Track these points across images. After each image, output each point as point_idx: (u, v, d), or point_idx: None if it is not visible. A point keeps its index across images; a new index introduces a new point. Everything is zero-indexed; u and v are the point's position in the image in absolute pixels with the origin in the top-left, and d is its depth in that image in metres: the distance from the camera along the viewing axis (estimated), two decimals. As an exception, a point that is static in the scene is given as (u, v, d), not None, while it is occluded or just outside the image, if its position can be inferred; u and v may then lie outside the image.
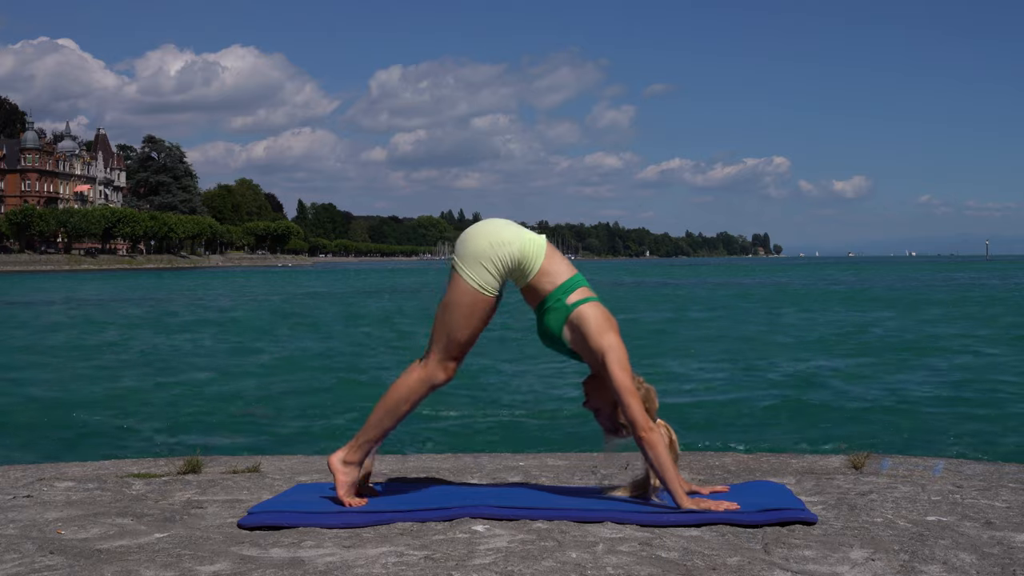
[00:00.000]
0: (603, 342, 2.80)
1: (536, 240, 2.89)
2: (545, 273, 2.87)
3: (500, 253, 2.84)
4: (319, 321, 24.18)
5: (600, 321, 2.83)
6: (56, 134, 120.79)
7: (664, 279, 63.11)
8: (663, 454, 2.75)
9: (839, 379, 11.85)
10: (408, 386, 2.89)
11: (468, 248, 2.86)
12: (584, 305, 2.85)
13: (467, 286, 2.84)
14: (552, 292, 2.86)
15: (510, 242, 2.85)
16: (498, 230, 2.88)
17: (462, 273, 2.85)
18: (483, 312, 2.86)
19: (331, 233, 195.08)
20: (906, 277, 62.46)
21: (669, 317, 24.54)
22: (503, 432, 8.04)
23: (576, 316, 2.84)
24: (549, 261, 2.88)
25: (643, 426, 2.74)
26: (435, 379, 2.88)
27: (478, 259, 2.84)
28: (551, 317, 2.87)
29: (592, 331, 2.82)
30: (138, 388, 11.64)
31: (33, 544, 2.56)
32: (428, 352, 2.89)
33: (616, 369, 2.77)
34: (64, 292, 42.33)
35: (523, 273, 2.87)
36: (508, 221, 2.96)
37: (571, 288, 2.87)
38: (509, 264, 2.85)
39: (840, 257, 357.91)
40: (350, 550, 2.47)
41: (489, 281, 2.84)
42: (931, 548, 2.46)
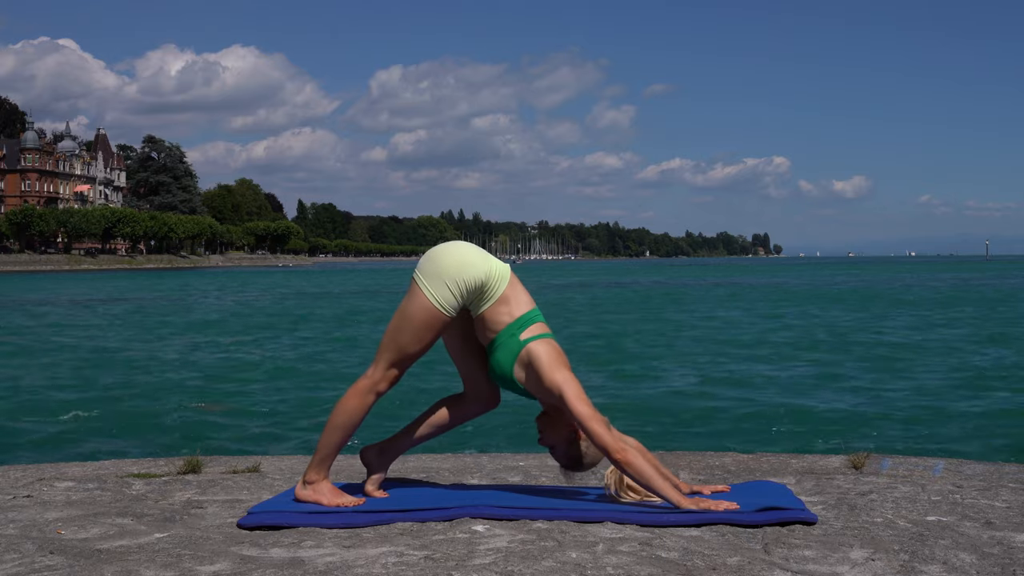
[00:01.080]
0: (557, 377, 2.78)
1: (501, 268, 2.88)
2: (504, 303, 2.85)
3: (465, 275, 2.82)
4: (319, 321, 24.18)
5: (552, 357, 2.81)
6: (56, 134, 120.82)
7: (666, 279, 63.10)
8: (643, 468, 2.74)
9: (839, 379, 11.85)
10: (352, 402, 2.89)
11: (433, 265, 2.85)
12: (535, 342, 2.83)
13: (426, 301, 2.83)
14: (507, 326, 2.84)
15: (475, 264, 2.84)
16: (466, 252, 2.88)
17: (423, 288, 2.84)
18: (436, 330, 2.85)
19: (331, 233, 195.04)
20: (905, 277, 62.45)
21: (669, 317, 24.54)
22: (503, 432, 8.04)
23: (527, 353, 2.82)
24: (511, 290, 2.87)
25: (615, 449, 2.73)
26: (378, 387, 2.88)
27: (441, 276, 2.82)
28: (501, 354, 2.85)
29: (544, 367, 2.79)
30: (138, 388, 11.64)
31: (33, 544, 2.56)
32: (376, 361, 2.89)
33: (575, 401, 2.76)
34: (64, 292, 42.33)
35: (483, 298, 2.85)
36: (476, 246, 2.96)
37: (527, 323, 2.85)
38: (472, 286, 2.83)
39: (840, 257, 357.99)
40: (350, 550, 2.47)
41: (448, 300, 2.82)
42: (931, 548, 2.46)
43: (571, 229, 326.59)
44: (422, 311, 2.83)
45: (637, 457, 2.75)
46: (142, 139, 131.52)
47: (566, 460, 2.92)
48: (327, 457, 2.92)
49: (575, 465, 2.92)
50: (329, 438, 2.91)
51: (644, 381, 11.93)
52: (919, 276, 64.87)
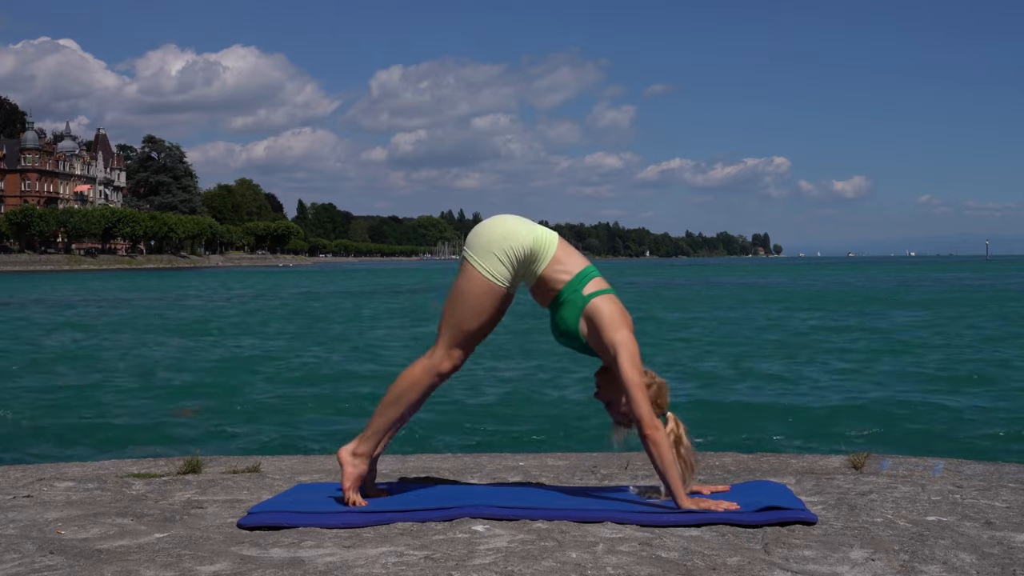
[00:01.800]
0: (616, 337, 2.79)
1: (548, 233, 2.90)
2: (558, 262, 2.86)
3: (512, 243, 2.83)
4: (319, 321, 24.18)
5: (615, 316, 2.82)
6: (56, 134, 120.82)
7: (667, 279, 63.11)
8: (667, 453, 2.74)
9: (839, 379, 11.85)
10: (413, 375, 2.89)
11: (480, 239, 2.86)
12: (599, 297, 2.84)
13: (478, 275, 2.84)
14: (567, 283, 2.85)
15: (522, 233, 2.85)
16: (510, 222, 2.89)
17: (473, 263, 2.85)
18: (494, 303, 2.85)
19: (331, 233, 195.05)
20: (904, 277, 62.46)
21: (668, 317, 24.54)
22: (503, 432, 8.04)
23: (591, 308, 2.82)
24: (562, 251, 2.88)
25: (649, 424, 2.74)
26: (440, 368, 2.87)
27: (490, 249, 2.84)
28: (566, 310, 2.86)
29: (606, 325, 2.80)
30: (138, 388, 11.64)
31: (33, 544, 2.56)
32: (437, 342, 2.89)
33: (627, 365, 2.76)
34: (64, 292, 42.33)
35: (535, 264, 2.86)
36: (521, 217, 2.96)
37: (585, 279, 2.86)
38: (521, 254, 2.84)
39: (840, 257, 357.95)
40: (350, 550, 2.47)
41: (501, 271, 2.84)
42: (931, 548, 2.46)
43: (571, 229, 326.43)
44: (477, 285, 2.84)
45: (665, 440, 2.75)
46: (142, 139, 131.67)
47: (620, 416, 2.92)
48: (376, 433, 2.91)
49: (628, 423, 2.91)
50: (382, 412, 2.90)
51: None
52: (919, 276, 64.87)
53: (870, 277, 64.01)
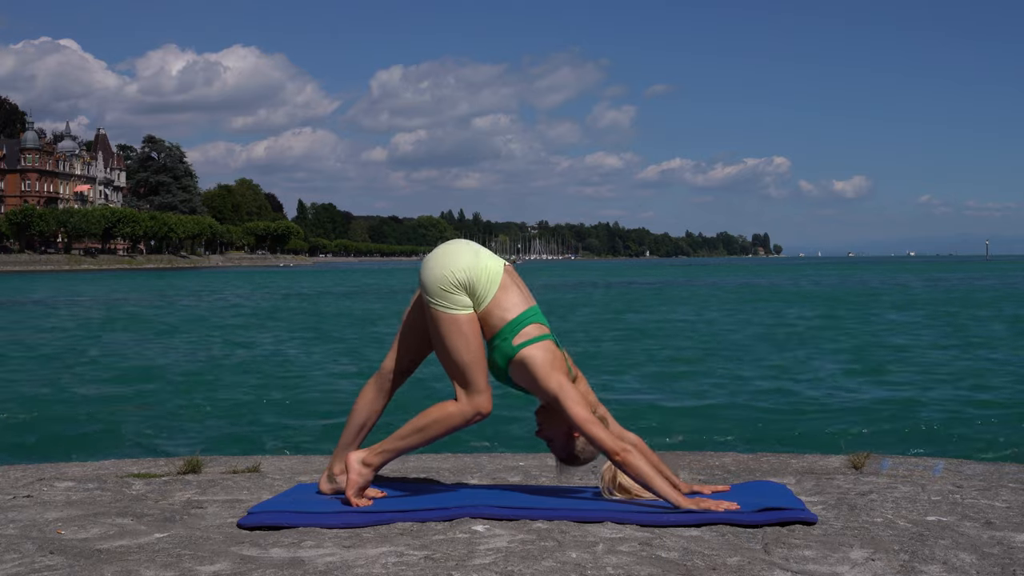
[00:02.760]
0: (551, 385, 2.79)
1: (493, 267, 2.87)
2: (498, 303, 2.85)
3: (454, 280, 2.83)
4: (319, 321, 24.18)
5: (545, 364, 2.81)
6: (56, 134, 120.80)
7: (671, 278, 63.10)
8: (643, 469, 2.74)
9: (839, 379, 11.85)
10: (444, 412, 2.88)
11: (427, 280, 2.86)
12: (530, 347, 2.82)
13: (447, 316, 2.84)
14: (500, 329, 2.85)
15: (461, 270, 2.84)
16: (454, 256, 2.87)
17: (436, 307, 2.85)
18: (471, 328, 2.86)
19: (331, 233, 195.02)
20: (908, 277, 62.48)
21: (666, 317, 24.53)
22: (503, 432, 8.03)
23: (520, 358, 2.82)
24: (504, 290, 2.86)
25: (615, 450, 2.73)
26: (482, 409, 2.86)
27: (440, 287, 2.83)
28: (498, 356, 2.87)
29: (539, 375, 2.80)
30: (138, 388, 11.64)
31: (33, 544, 2.56)
32: (458, 390, 2.87)
33: (572, 408, 2.76)
34: (63, 292, 42.33)
35: (477, 298, 2.86)
36: (471, 245, 2.94)
37: (521, 325, 2.84)
38: (463, 284, 2.84)
39: (840, 257, 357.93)
40: (350, 550, 2.47)
41: (460, 301, 2.84)
42: (931, 548, 2.46)
43: (571, 229, 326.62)
44: (452, 324, 2.84)
45: (638, 458, 2.75)
46: (142, 139, 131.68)
47: (563, 454, 2.92)
48: (390, 452, 2.92)
49: (571, 460, 2.92)
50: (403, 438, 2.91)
51: (644, 380, 11.93)
52: (919, 276, 64.89)
53: (870, 277, 64.01)
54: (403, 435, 2.92)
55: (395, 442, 2.92)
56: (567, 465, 2.96)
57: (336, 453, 3.07)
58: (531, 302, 2.91)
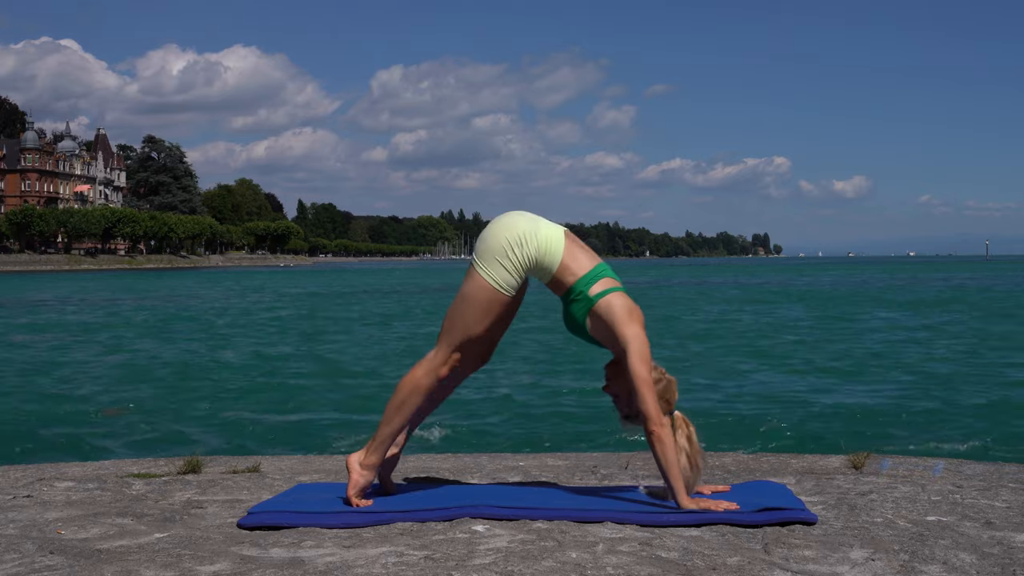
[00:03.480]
0: (626, 332, 2.81)
1: (554, 235, 2.89)
2: (566, 267, 2.87)
3: (519, 252, 2.84)
4: (319, 321, 24.18)
5: (623, 312, 2.83)
6: (56, 134, 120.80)
7: (665, 278, 63.12)
8: (670, 451, 2.75)
9: (839, 379, 11.85)
10: (413, 379, 2.90)
11: (487, 245, 2.87)
12: (608, 295, 2.85)
13: (484, 282, 2.85)
14: (575, 284, 2.87)
15: (527, 240, 2.85)
16: (516, 227, 2.88)
17: (480, 270, 2.85)
18: (499, 310, 2.87)
19: (331, 233, 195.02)
20: (905, 277, 62.49)
21: (667, 316, 24.54)
22: (503, 432, 8.04)
23: (599, 307, 2.84)
24: (569, 254, 2.89)
25: (656, 420, 2.75)
26: (439, 371, 2.89)
27: (495, 256, 2.84)
28: (576, 308, 2.88)
29: (616, 321, 2.82)
30: (138, 388, 11.64)
31: (33, 544, 2.56)
32: (438, 344, 2.90)
33: (636, 360, 2.78)
34: (63, 292, 42.33)
35: (544, 269, 2.88)
36: (528, 215, 2.95)
37: (594, 279, 2.87)
38: (528, 263, 2.86)
39: (840, 257, 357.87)
40: (350, 550, 2.47)
41: (507, 279, 2.85)
42: (931, 548, 2.46)
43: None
44: (482, 292, 2.85)
45: (670, 439, 2.77)
46: (142, 139, 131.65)
47: (627, 409, 2.93)
48: (384, 441, 2.92)
49: (636, 418, 2.92)
50: (388, 420, 2.92)
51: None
52: (919, 275, 64.90)
53: (870, 277, 64.02)
54: (388, 418, 2.92)
55: (384, 428, 2.92)
56: (629, 423, 2.96)
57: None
58: (598, 260, 2.93)
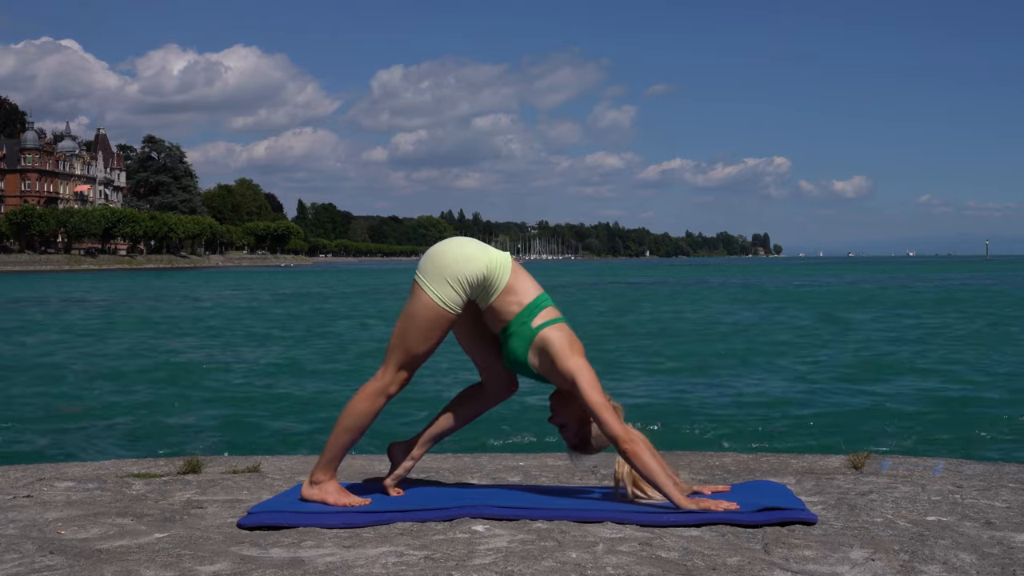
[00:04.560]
0: (570, 365, 2.80)
1: (501, 258, 2.88)
2: (510, 292, 2.86)
3: (465, 269, 2.83)
4: (319, 321, 24.18)
5: (564, 345, 2.82)
6: (56, 134, 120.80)
7: (673, 278, 63.10)
8: (650, 462, 2.75)
9: (839, 379, 11.85)
10: (364, 400, 2.90)
11: (433, 263, 2.85)
12: (548, 328, 2.84)
13: (430, 301, 2.83)
14: (517, 315, 2.85)
15: (476, 258, 2.84)
16: (464, 247, 2.88)
17: (425, 288, 2.84)
18: (443, 328, 2.87)
19: (331, 233, 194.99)
20: (903, 277, 62.48)
21: (668, 315, 24.54)
22: (503, 432, 8.04)
23: (540, 340, 2.83)
24: (515, 278, 2.87)
25: (624, 439, 2.75)
26: (388, 390, 2.89)
27: (442, 274, 2.83)
28: (515, 342, 2.86)
29: (558, 355, 2.81)
30: (138, 388, 11.64)
31: (33, 544, 2.56)
32: (385, 364, 2.89)
33: (588, 390, 2.77)
34: (63, 292, 42.33)
35: (487, 291, 2.86)
36: (474, 240, 2.96)
37: (536, 310, 2.86)
38: (474, 281, 2.84)
39: (840, 257, 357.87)
40: (350, 550, 2.47)
41: (452, 298, 2.83)
42: (931, 548, 2.46)
43: (571, 229, 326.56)
44: (427, 311, 2.84)
45: (644, 450, 2.76)
46: (142, 139, 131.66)
47: (576, 440, 2.93)
48: (334, 458, 2.93)
49: (584, 447, 2.93)
50: (337, 439, 2.92)
51: (644, 380, 11.93)
52: (918, 276, 64.92)
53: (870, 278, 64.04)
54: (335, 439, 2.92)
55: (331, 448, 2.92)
56: (579, 453, 2.96)
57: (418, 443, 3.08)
58: (540, 290, 2.92)
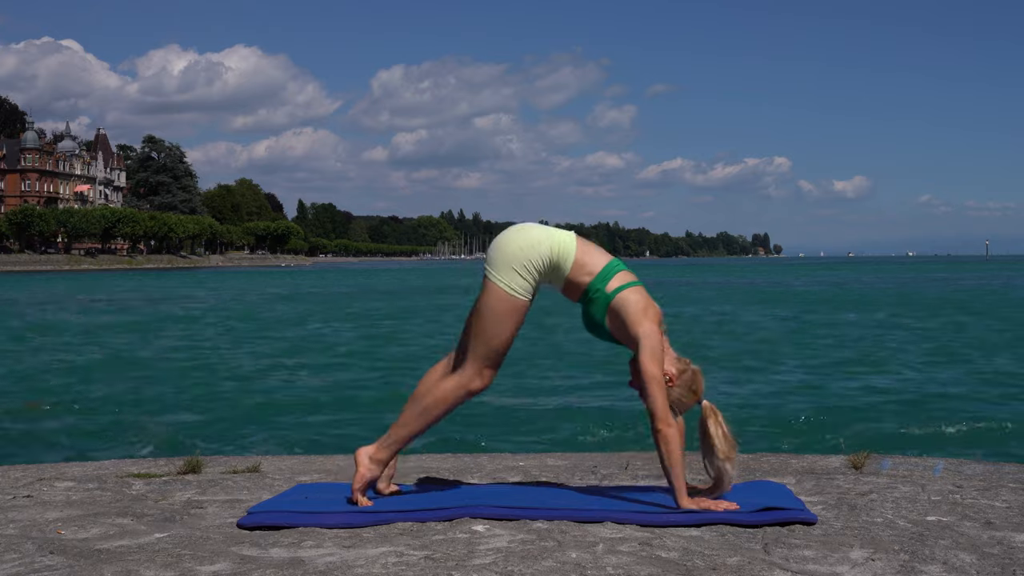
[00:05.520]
0: (639, 330, 2.81)
1: (565, 237, 2.91)
2: (580, 266, 2.88)
3: (532, 256, 2.85)
4: (319, 321, 24.18)
5: (638, 309, 2.83)
6: (56, 134, 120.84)
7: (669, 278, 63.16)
8: (675, 450, 2.75)
9: (839, 379, 11.85)
10: (443, 391, 2.90)
11: (500, 254, 2.87)
12: (624, 291, 2.85)
13: (501, 292, 2.84)
14: (591, 283, 2.87)
15: (540, 242, 2.86)
16: (526, 233, 2.90)
17: (495, 279, 2.85)
18: (518, 317, 2.87)
19: (331, 233, 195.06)
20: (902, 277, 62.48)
21: (668, 315, 24.52)
22: (503, 432, 8.04)
23: (616, 303, 2.85)
24: (582, 253, 2.89)
25: (662, 419, 2.74)
26: (471, 386, 2.89)
27: (510, 264, 2.84)
28: (594, 308, 2.89)
29: (630, 319, 2.83)
30: (138, 388, 11.64)
31: (33, 544, 2.56)
32: (464, 360, 2.89)
33: (646, 357, 2.77)
34: (61, 292, 42.33)
35: (558, 271, 2.88)
36: (536, 224, 2.97)
37: (608, 275, 2.87)
38: (543, 265, 2.86)
39: (840, 257, 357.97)
40: (350, 550, 2.47)
41: (523, 285, 2.85)
42: (931, 548, 2.46)
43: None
44: (501, 302, 2.85)
45: (676, 438, 2.76)
46: (142, 139, 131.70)
47: None
48: (397, 442, 2.93)
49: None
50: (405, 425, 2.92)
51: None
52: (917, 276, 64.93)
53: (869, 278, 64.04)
54: (405, 420, 2.92)
55: (399, 429, 2.93)
56: None
57: None
58: (610, 257, 2.93)
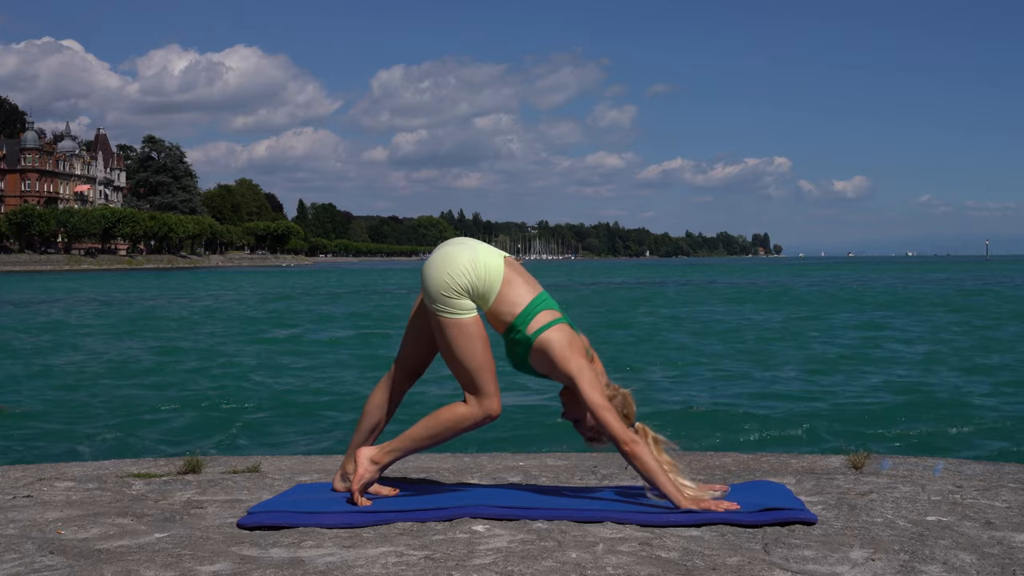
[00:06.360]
0: (569, 368, 2.80)
1: (491, 266, 2.85)
2: (503, 300, 2.85)
3: (462, 281, 2.82)
4: (319, 321, 24.19)
5: (562, 348, 2.82)
6: (56, 134, 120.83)
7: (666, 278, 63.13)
8: (650, 463, 2.76)
9: (838, 379, 11.85)
10: (455, 416, 2.89)
11: (432, 286, 2.84)
12: (545, 332, 2.83)
13: (450, 320, 2.83)
14: (512, 323, 2.85)
15: (467, 270, 2.83)
16: (453, 261, 2.85)
17: (441, 313, 2.84)
18: (478, 332, 2.86)
19: (331, 233, 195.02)
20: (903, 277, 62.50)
21: (667, 316, 24.54)
22: (503, 432, 8.04)
23: (538, 345, 2.83)
24: (507, 285, 2.86)
25: (625, 440, 2.76)
26: (491, 411, 2.88)
27: (442, 293, 2.83)
28: (517, 348, 2.87)
29: (557, 359, 2.81)
30: (138, 388, 11.64)
31: (33, 544, 2.56)
32: (468, 394, 2.88)
33: (587, 391, 2.78)
34: (63, 292, 42.34)
35: (484, 299, 2.86)
36: (468, 243, 2.93)
37: (530, 315, 2.84)
38: (472, 289, 2.84)
39: (840, 257, 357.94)
40: (350, 550, 2.47)
41: (464, 304, 2.84)
42: (931, 548, 2.46)
43: (571, 229, 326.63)
44: (455, 329, 2.84)
45: (645, 451, 2.77)
46: (142, 139, 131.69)
47: (589, 433, 2.94)
48: (400, 451, 2.93)
49: (599, 439, 2.93)
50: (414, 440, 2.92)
51: (643, 380, 11.93)
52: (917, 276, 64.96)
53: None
54: (413, 436, 2.93)
55: (405, 442, 2.93)
56: (594, 444, 2.97)
57: (349, 452, 3.09)
58: (538, 290, 2.91)
